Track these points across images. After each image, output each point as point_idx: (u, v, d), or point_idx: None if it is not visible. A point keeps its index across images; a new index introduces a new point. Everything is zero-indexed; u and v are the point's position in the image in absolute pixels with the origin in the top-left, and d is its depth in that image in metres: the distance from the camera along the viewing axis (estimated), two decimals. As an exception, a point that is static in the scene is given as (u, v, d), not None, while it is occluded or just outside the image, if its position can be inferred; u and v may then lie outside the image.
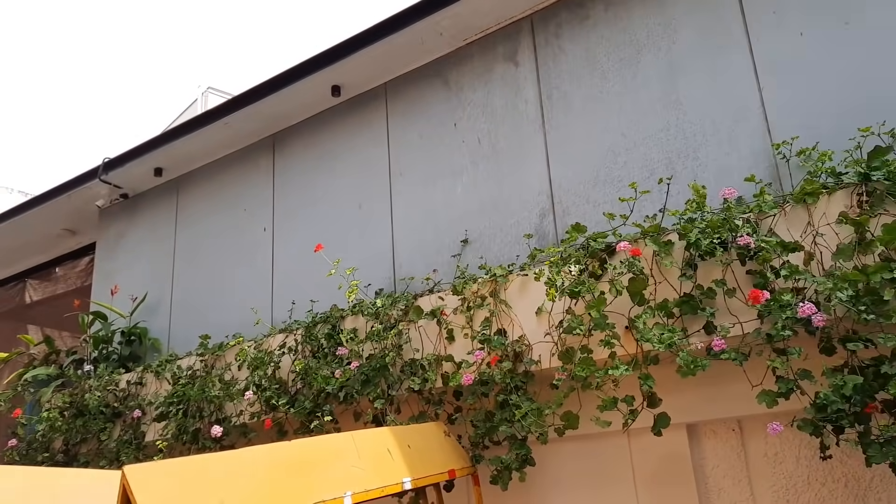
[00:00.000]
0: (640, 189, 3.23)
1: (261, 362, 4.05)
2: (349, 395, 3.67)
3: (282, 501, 2.48)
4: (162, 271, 5.63)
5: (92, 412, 4.87)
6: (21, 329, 7.71)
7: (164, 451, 4.12)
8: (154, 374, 4.81)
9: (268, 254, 4.98)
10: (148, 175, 5.76)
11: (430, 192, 4.24)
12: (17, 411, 4.95)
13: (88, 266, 7.18)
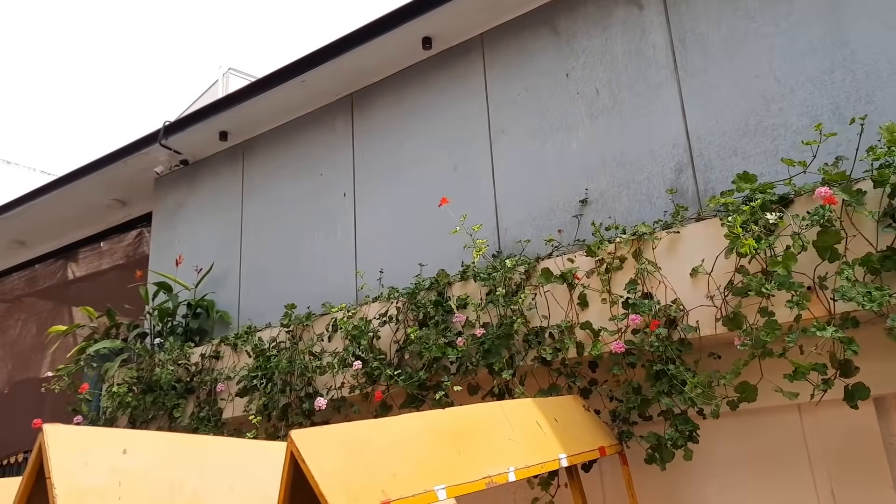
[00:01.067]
0: (807, 138, 2.88)
1: (360, 332, 3.73)
2: (467, 366, 3.35)
3: (451, 474, 2.17)
4: (228, 241, 5.32)
5: (163, 388, 4.58)
6: (62, 306, 7.44)
7: (258, 426, 3.82)
8: (231, 347, 4.51)
9: (349, 221, 4.65)
10: (212, 139, 5.43)
11: (539, 149, 3.90)
12: (85, 386, 4.66)
13: (136, 240, 6.89)
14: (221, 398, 4.42)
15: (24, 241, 7.19)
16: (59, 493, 1.75)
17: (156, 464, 2.03)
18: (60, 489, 1.76)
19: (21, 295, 7.76)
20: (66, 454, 1.85)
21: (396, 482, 2.02)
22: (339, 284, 4.51)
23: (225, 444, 2.30)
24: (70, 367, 4.88)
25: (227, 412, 4.38)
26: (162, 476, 2.01)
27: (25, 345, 7.55)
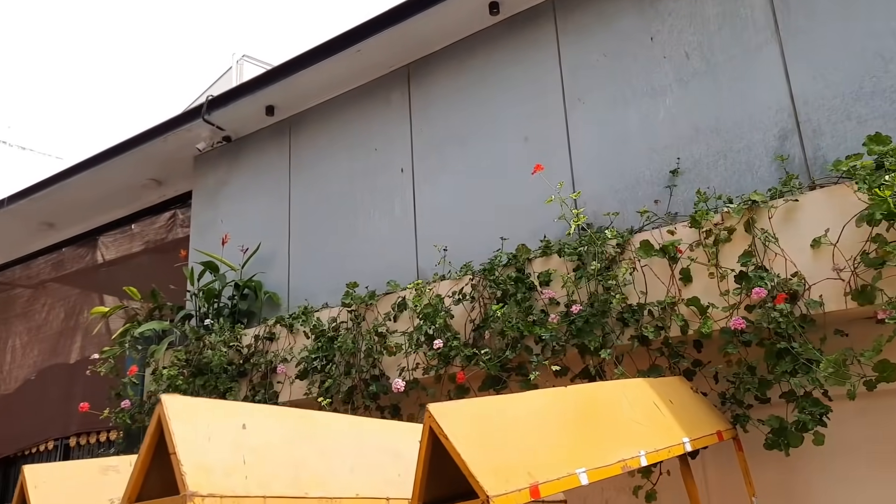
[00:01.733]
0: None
1: (434, 311, 3.53)
2: (554, 346, 3.15)
3: (587, 457, 1.97)
4: (275, 220, 5.11)
5: (213, 371, 4.38)
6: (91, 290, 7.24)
7: (326, 410, 3.62)
8: (287, 328, 4.31)
9: (407, 197, 4.44)
10: (257, 114, 5.22)
11: (621, 118, 3.68)
12: (133, 369, 4.47)
13: (169, 222, 6.68)
14: (278, 381, 4.23)
15: (52, 224, 6.99)
16: (186, 470, 1.55)
17: (276, 441, 1.83)
18: (188, 466, 1.56)
19: (46, 280, 7.57)
20: (189, 428, 1.65)
21: (539, 463, 1.83)
22: (398, 263, 4.31)
23: (338, 421, 2.10)
24: (115, 349, 4.69)
25: (284, 395, 4.19)
26: (283, 454, 1.82)
27: (52, 330, 7.36)
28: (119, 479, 2.53)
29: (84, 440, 6.53)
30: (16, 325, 7.70)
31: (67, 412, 6.69)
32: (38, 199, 6.48)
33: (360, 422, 2.15)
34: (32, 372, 7.34)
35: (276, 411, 1.94)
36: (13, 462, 7.26)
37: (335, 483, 1.85)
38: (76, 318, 7.19)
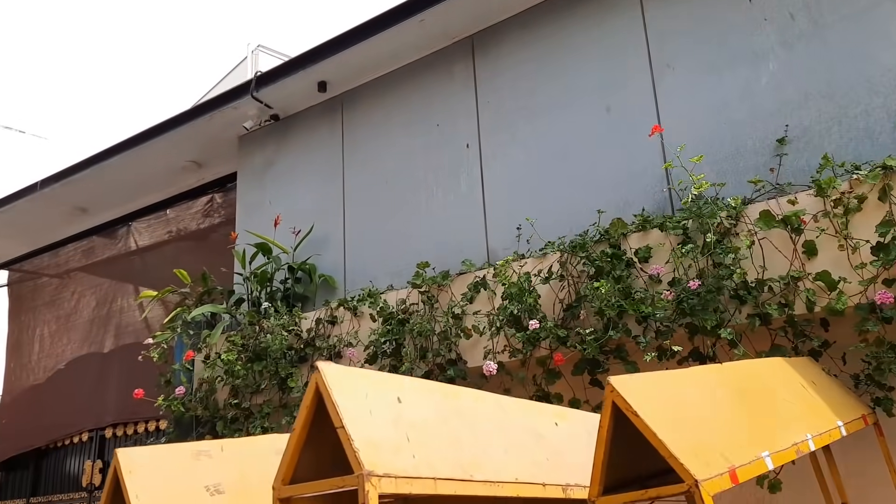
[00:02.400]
0: None
1: (521, 290, 3.31)
2: (660, 326, 2.94)
3: (765, 440, 1.77)
4: (327, 201, 4.90)
5: (272, 355, 4.18)
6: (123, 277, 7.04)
7: None
8: (351, 311, 4.10)
9: (474, 173, 4.23)
10: (309, 91, 5.00)
11: (717, 85, 3.46)
12: (190, 354, 4.27)
13: (206, 207, 6.48)
14: (342, 366, 4.01)
15: (86, 209, 6.79)
16: (358, 446, 1.34)
17: (431, 417, 1.62)
18: (358, 441, 1.35)
19: (76, 268, 7.37)
20: (351, 400, 1.44)
21: (729, 445, 1.62)
22: (466, 242, 4.10)
23: (482, 398, 1.89)
24: (166, 334, 4.48)
25: (348, 382, 3.97)
26: (440, 432, 1.61)
27: (82, 319, 7.17)
28: (212, 464, 2.32)
29: (121, 431, 6.34)
30: (44, 313, 7.51)
31: (102, 402, 6.51)
32: (73, 183, 6.28)
33: (500, 399, 1.94)
34: (62, 361, 7.15)
35: (420, 384, 1.73)
36: (45, 454, 7.08)
37: (491, 465, 1.65)
38: (108, 305, 6.99)
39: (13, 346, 7.64)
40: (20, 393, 7.38)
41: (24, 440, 7.05)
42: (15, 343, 7.64)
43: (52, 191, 6.38)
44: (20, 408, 7.26)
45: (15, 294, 7.91)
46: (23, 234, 7.29)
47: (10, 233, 7.23)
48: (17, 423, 7.22)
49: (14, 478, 7.30)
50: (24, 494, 7.06)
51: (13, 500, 7.15)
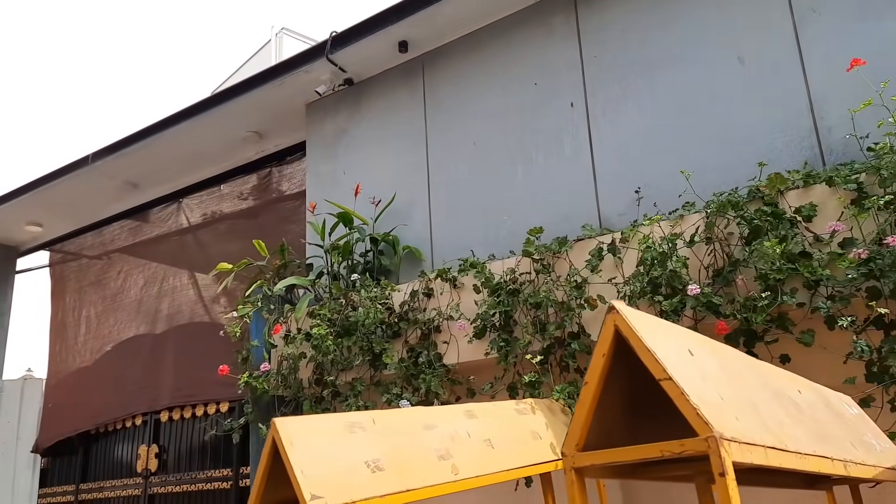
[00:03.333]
0: None
1: (663, 255, 3.01)
2: (836, 289, 2.63)
3: None
4: (409, 168, 4.60)
5: (365, 330, 3.89)
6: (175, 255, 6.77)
7: (538, 375, 3.12)
8: (449, 283, 3.81)
9: (580, 135, 3.91)
10: (388, 52, 4.70)
11: (874, 28, 3.13)
12: (278, 328, 3.98)
13: (264, 181, 6.21)
14: (443, 341, 3.73)
15: (136, 184, 6.52)
16: (696, 402, 1.04)
17: (722, 375, 1.32)
18: (694, 397, 1.05)
19: (123, 247, 7.12)
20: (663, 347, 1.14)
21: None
22: (572, 209, 3.79)
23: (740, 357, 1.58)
24: (247, 308, 4.20)
25: (450, 356, 3.69)
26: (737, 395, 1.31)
27: (130, 298, 6.92)
28: (366, 437, 2.04)
29: (178, 414, 6.09)
30: (89, 294, 7.26)
31: (156, 385, 6.25)
32: (125, 156, 6.01)
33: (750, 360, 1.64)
34: (109, 343, 6.90)
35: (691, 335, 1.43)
36: (94, 439, 6.84)
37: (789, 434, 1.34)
38: (159, 285, 6.74)
39: (58, 328, 7.40)
40: (66, 376, 7.15)
41: (71, 424, 6.82)
42: (59, 325, 7.40)
43: (103, 164, 6.11)
44: (66, 391, 7.03)
45: (58, 275, 7.66)
46: (69, 212, 7.03)
47: (56, 210, 6.97)
48: (63, 406, 6.98)
49: (62, 464, 7.08)
50: (74, 480, 6.83)
51: (62, 487, 6.92)
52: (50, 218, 7.18)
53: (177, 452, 6.03)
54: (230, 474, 5.54)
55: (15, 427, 7.22)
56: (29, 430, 7.23)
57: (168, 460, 6.08)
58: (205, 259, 6.43)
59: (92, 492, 6.59)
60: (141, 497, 6.10)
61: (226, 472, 5.57)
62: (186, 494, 5.80)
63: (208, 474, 5.69)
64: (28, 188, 6.59)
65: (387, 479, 1.95)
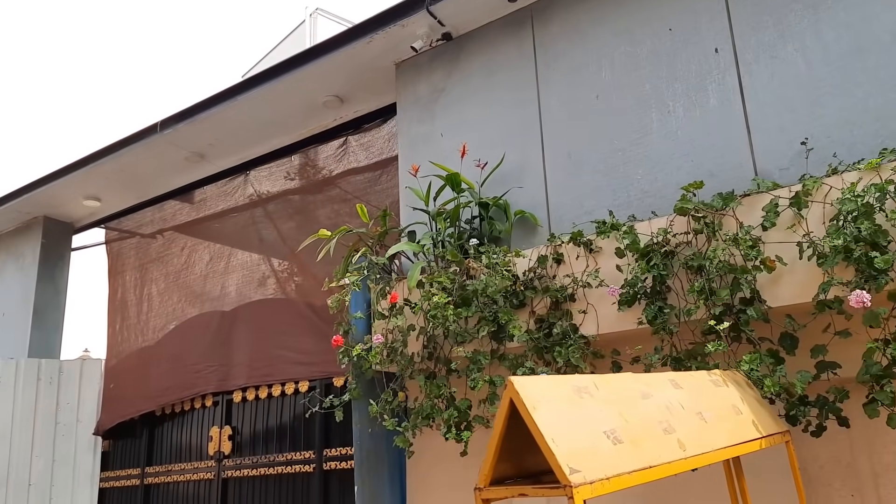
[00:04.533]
0: None
1: (867, 210, 2.64)
2: None
3: None
4: (518, 127, 4.25)
5: (487, 300, 3.57)
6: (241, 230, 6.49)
7: (715, 344, 2.77)
8: (584, 247, 3.46)
9: (728, 82, 3.54)
10: (495, 2, 4.34)
11: None
12: (395, 296, 3.66)
13: (340, 151, 5.90)
14: (579, 310, 3.39)
15: (203, 155, 6.22)
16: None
17: None
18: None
19: (186, 222, 6.84)
20: None
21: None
22: (721, 163, 3.43)
23: None
24: (354, 277, 3.88)
25: (589, 327, 3.35)
26: None
27: (195, 275, 6.65)
28: (595, 404, 1.70)
29: (252, 395, 5.82)
30: (151, 271, 7.01)
31: (227, 364, 5.99)
32: (196, 124, 5.72)
33: None
34: (174, 321, 6.64)
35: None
36: (159, 421, 6.60)
37: None
38: (226, 260, 6.47)
39: (117, 306, 7.16)
40: (127, 356, 6.91)
41: (133, 405, 6.58)
42: (119, 303, 7.15)
43: (172, 132, 5.82)
44: (128, 371, 6.79)
45: (115, 252, 7.42)
46: (130, 185, 6.76)
47: (116, 183, 6.71)
48: (125, 387, 6.74)
49: (125, 446, 6.85)
50: (138, 464, 6.60)
51: (126, 470, 6.69)
52: (109, 192, 6.91)
53: (252, 434, 5.76)
54: (312, 456, 5.26)
55: (75, 409, 6.99)
56: (88, 412, 7.00)
57: (242, 442, 5.82)
58: (275, 233, 6.14)
59: (159, 475, 6.35)
60: (214, 481, 5.85)
61: (307, 455, 5.29)
62: (264, 478, 5.53)
63: (288, 456, 5.42)
64: (90, 160, 6.33)
65: (627, 454, 1.63)
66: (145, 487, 6.44)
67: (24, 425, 6.71)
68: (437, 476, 4.12)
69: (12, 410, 6.70)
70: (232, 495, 5.72)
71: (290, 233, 6.03)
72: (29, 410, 6.77)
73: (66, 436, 6.91)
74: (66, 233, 7.61)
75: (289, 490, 5.37)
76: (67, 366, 7.11)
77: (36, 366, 6.91)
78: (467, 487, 3.99)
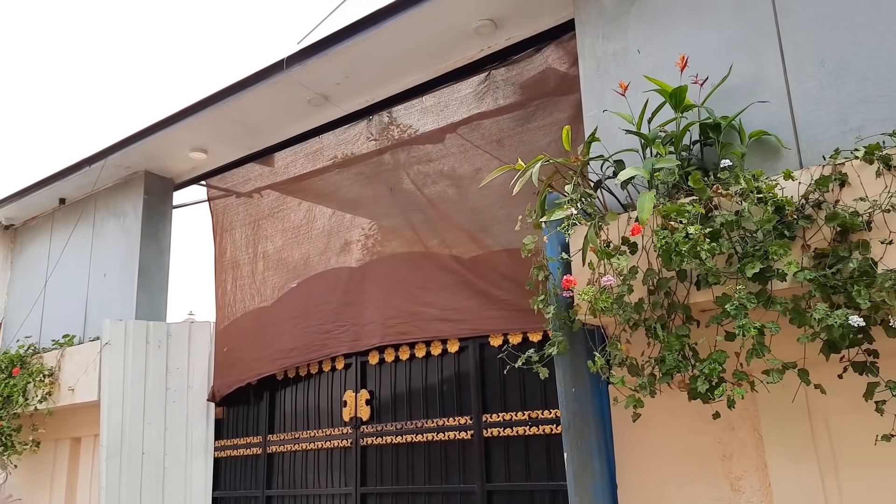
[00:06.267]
0: None
1: None
2: None
3: None
4: (745, 35, 3.60)
5: (745, 232, 2.96)
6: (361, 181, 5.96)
7: None
8: (881, 163, 2.82)
9: None
10: None
11: None
12: (637, 228, 3.07)
13: (481, 87, 5.31)
14: (881, 240, 2.76)
15: (328, 96, 5.69)
16: None
17: None
18: None
19: (302, 174, 6.35)
20: None
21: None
22: None
23: None
24: (565, 210, 3.29)
25: (892, 259, 2.72)
26: None
27: (316, 230, 6.17)
28: None
29: (391, 355, 5.33)
30: (265, 227, 6.55)
31: (359, 323, 5.50)
32: (325, 60, 5.19)
33: None
34: (294, 279, 6.18)
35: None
36: (282, 385, 6.17)
37: None
38: (351, 213, 5.95)
39: (226, 265, 6.74)
40: (241, 317, 6.49)
41: (253, 369, 6.16)
42: (229, 262, 6.73)
43: (300, 69, 5.30)
44: (244, 334, 6.37)
45: (221, 209, 6.98)
46: (242, 135, 6.29)
47: (228, 132, 6.25)
48: (241, 350, 6.33)
49: (240, 413, 6.46)
50: (259, 431, 6.20)
51: (245, 438, 6.30)
52: (218, 143, 6.46)
53: (392, 398, 5.28)
54: (469, 422, 4.75)
55: (185, 374, 6.61)
56: (199, 378, 6.61)
57: (381, 407, 5.34)
58: (407, 181, 5.60)
59: (285, 443, 5.94)
60: (352, 448, 5.40)
61: (463, 420, 4.79)
62: (410, 446, 5.06)
63: (439, 422, 4.92)
64: (203, 105, 5.86)
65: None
66: (268, 456, 6.04)
67: (135, 391, 6.36)
68: (657, 443, 3.56)
69: (123, 375, 6.34)
70: (372, 463, 5.26)
71: (426, 180, 5.49)
72: (139, 375, 6.41)
73: (176, 402, 6.54)
74: (167, 189, 7.20)
75: (441, 458, 4.88)
76: (175, 329, 6.73)
77: (144, 328, 6.53)
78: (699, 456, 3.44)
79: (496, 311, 4.76)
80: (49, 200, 7.88)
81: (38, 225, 8.33)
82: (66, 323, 7.25)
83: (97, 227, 7.36)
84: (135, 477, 6.16)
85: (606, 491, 3.54)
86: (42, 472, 7.32)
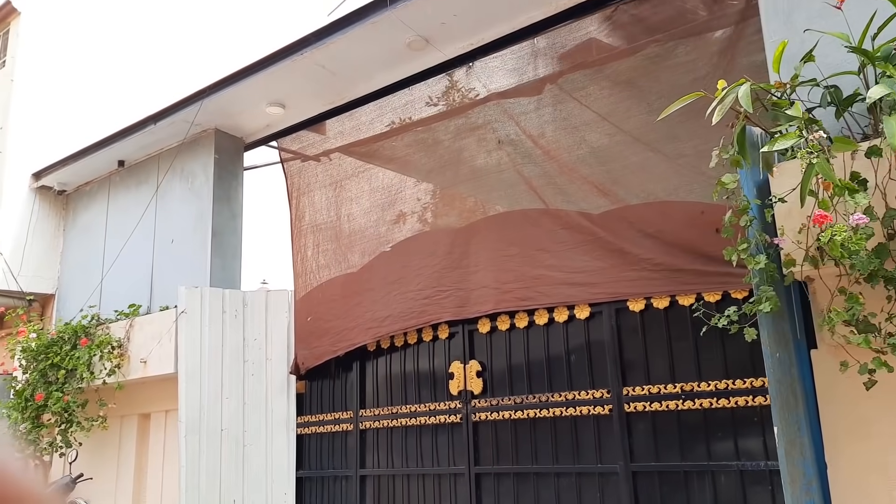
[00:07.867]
0: None
1: None
2: None
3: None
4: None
5: None
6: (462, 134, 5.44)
7: None
8: None
9: None
10: None
11: None
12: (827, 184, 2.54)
13: (605, 26, 4.76)
14: None
15: (429, 39, 5.16)
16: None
17: None
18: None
19: (391, 131, 5.84)
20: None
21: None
22: None
23: None
24: (791, 138, 2.76)
25: None
26: None
27: (410, 189, 5.67)
28: None
29: (504, 323, 4.84)
30: (349, 188, 6.07)
31: (465, 287, 5.02)
32: (435, -6, 4.64)
33: None
34: (386, 244, 5.70)
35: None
36: (374, 356, 5.71)
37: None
38: (453, 169, 5.45)
39: (305, 230, 6.27)
40: (325, 284, 6.03)
41: (345, 339, 5.70)
42: (308, 227, 6.25)
43: (404, 7, 4.76)
44: (330, 302, 5.90)
45: (296, 170, 6.49)
46: (327, 86, 5.78)
47: (312, 83, 5.73)
48: (326, 319, 5.87)
49: (325, 387, 6.02)
50: (348, 406, 5.76)
51: (333, 414, 5.86)
52: (299, 96, 5.96)
53: (508, 370, 4.81)
54: (607, 396, 4.27)
55: (263, 346, 6.18)
56: (278, 350, 6.18)
57: (495, 380, 4.87)
58: (521, 133, 5.07)
59: (380, 419, 5.49)
60: (462, 424, 4.94)
61: (599, 394, 4.31)
62: (532, 421, 4.59)
63: (569, 396, 4.44)
64: (291, 50, 5.35)
65: None
66: (361, 433, 5.60)
67: (213, 363, 5.93)
68: (875, 418, 3.05)
69: (200, 346, 5.91)
70: (486, 440, 4.80)
71: (544, 130, 4.97)
72: (216, 347, 5.98)
73: (255, 375, 6.12)
74: (238, 149, 6.73)
75: (571, 435, 4.41)
76: (251, 297, 6.29)
77: (220, 297, 6.10)
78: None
79: (636, 272, 4.26)
80: (106, 163, 7.44)
81: (94, 190, 7.90)
82: (130, 292, 6.83)
83: (161, 190, 6.91)
84: (214, 455, 5.76)
85: (816, 471, 3.05)
86: (108, 450, 6.94)
